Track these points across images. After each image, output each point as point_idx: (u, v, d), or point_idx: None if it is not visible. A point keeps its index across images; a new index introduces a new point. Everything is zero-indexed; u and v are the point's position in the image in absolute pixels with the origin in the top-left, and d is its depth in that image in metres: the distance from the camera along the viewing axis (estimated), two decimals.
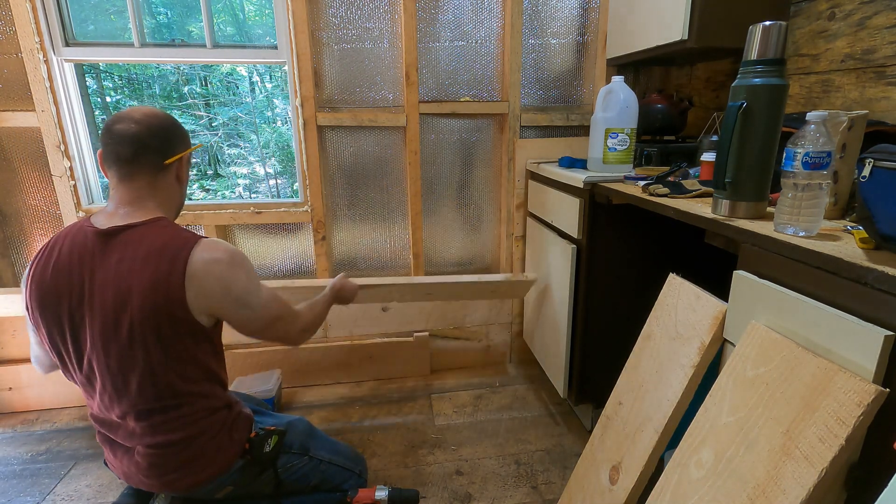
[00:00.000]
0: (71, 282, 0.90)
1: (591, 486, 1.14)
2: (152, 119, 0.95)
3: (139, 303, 0.87)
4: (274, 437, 1.08)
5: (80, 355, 0.93)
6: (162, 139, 0.96)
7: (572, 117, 1.94)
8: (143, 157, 0.93)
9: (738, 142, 0.87)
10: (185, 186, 1.05)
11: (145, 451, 0.94)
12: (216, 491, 1.04)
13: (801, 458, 0.65)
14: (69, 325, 0.91)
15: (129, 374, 0.90)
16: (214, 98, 4.56)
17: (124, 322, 0.88)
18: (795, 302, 0.72)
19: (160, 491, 1.00)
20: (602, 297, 1.48)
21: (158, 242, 0.90)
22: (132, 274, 0.88)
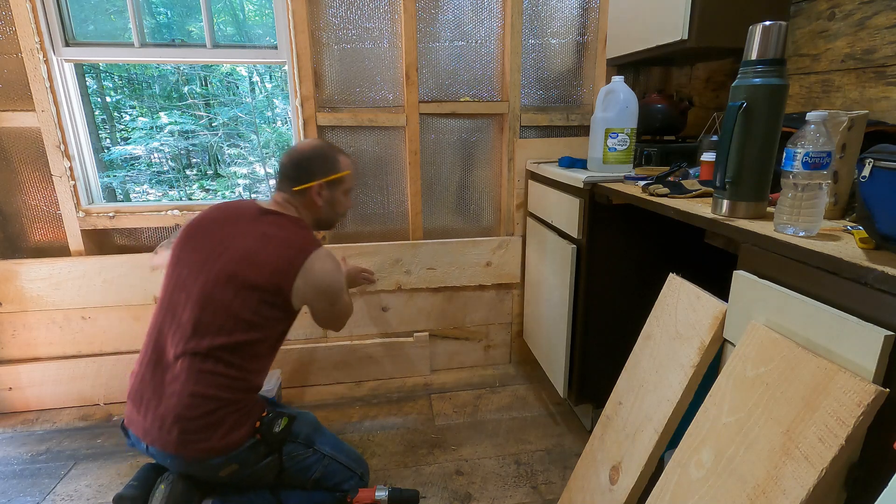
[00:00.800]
0: (223, 228, 1.17)
1: (591, 486, 1.14)
2: (299, 153, 1.25)
3: (260, 266, 1.11)
4: (284, 419, 1.16)
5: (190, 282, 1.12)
6: (297, 171, 1.23)
7: (572, 117, 1.94)
8: (282, 181, 1.25)
9: (738, 142, 0.87)
10: (332, 207, 1.29)
11: (178, 399, 1.05)
12: (222, 468, 1.09)
13: (801, 458, 0.65)
14: (199, 257, 1.14)
15: (218, 314, 1.09)
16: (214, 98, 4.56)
17: (242, 275, 1.10)
18: (795, 302, 0.72)
19: (174, 451, 1.05)
20: (602, 297, 1.48)
21: (293, 235, 1.18)
22: (267, 245, 1.13)
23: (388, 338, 1.98)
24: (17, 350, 1.76)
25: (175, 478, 1.12)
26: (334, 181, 1.27)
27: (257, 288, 1.10)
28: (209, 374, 1.07)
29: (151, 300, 1.78)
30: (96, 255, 1.77)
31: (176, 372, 1.07)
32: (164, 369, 1.09)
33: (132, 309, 1.78)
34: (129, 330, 1.80)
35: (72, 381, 1.77)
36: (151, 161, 4.47)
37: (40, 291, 1.71)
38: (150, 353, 1.13)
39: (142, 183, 4.48)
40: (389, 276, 1.91)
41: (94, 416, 1.74)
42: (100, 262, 1.73)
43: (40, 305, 1.72)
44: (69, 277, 1.71)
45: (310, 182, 1.23)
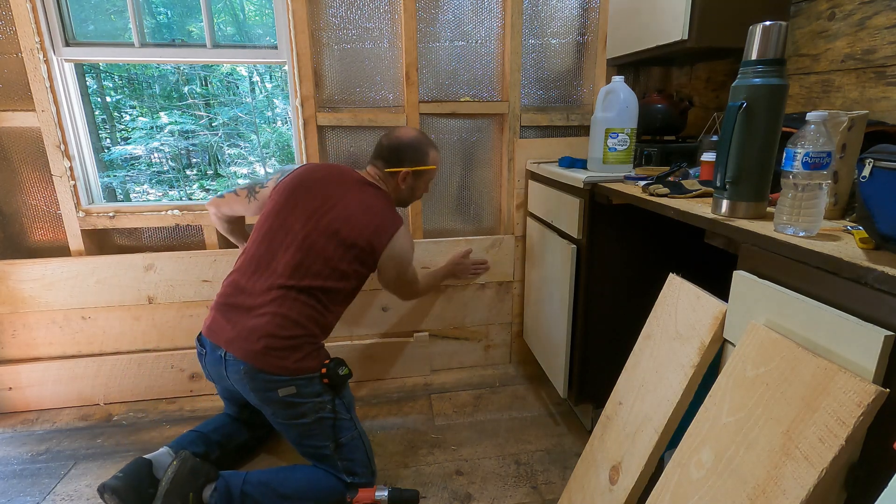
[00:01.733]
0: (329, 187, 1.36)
1: (591, 486, 1.14)
2: (398, 139, 1.42)
3: (362, 230, 1.31)
4: (346, 368, 1.31)
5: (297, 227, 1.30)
6: (392, 153, 1.42)
7: (572, 117, 1.94)
8: (377, 159, 1.44)
9: (738, 142, 0.87)
10: (412, 192, 1.49)
11: (271, 318, 1.21)
12: (283, 385, 1.22)
13: (801, 459, 0.65)
14: (308, 208, 1.32)
15: (317, 261, 1.27)
16: (214, 98, 4.56)
17: (344, 233, 1.29)
18: (795, 302, 0.72)
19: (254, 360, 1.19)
20: (602, 297, 1.48)
21: (387, 208, 1.40)
22: (368, 212, 1.34)
23: (388, 338, 1.98)
24: (17, 350, 1.76)
25: (186, 455, 1.18)
26: (420, 172, 1.45)
27: (355, 246, 1.30)
28: (302, 304, 1.25)
29: (146, 300, 1.78)
30: (96, 255, 1.77)
31: (272, 296, 1.24)
32: (258, 293, 1.25)
33: (131, 309, 1.78)
34: (129, 330, 1.80)
35: (72, 380, 1.77)
36: (151, 161, 4.47)
37: (32, 292, 1.71)
38: (244, 278, 1.30)
39: (142, 183, 4.48)
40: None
41: (94, 416, 1.74)
42: (93, 262, 1.73)
43: (32, 306, 1.72)
44: (62, 278, 1.71)
45: (400, 167, 1.41)
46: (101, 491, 1.14)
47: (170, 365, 1.82)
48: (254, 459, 1.52)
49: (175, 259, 1.76)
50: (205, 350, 1.30)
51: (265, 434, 1.56)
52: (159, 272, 1.77)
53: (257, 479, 1.24)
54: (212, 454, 1.37)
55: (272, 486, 1.23)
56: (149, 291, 1.77)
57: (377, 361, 1.97)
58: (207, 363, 1.30)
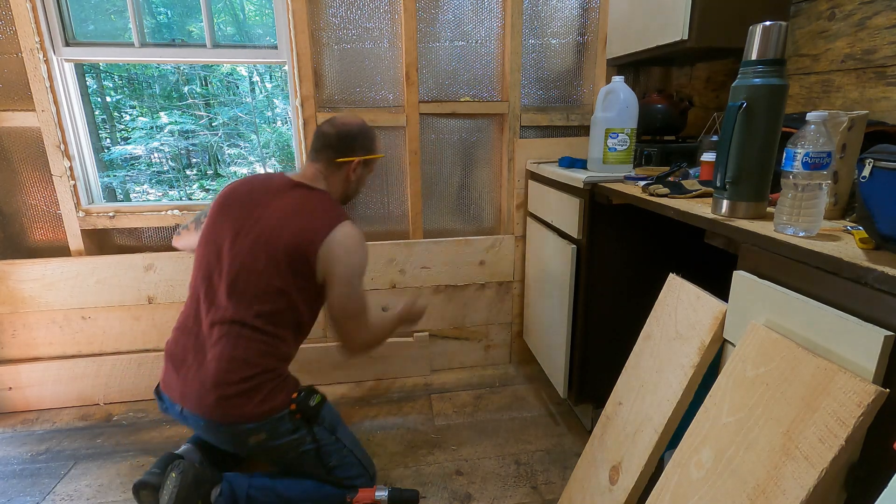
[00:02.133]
0: (253, 199, 1.22)
1: (591, 486, 1.14)
2: (345, 127, 1.28)
3: (289, 236, 1.15)
4: (318, 396, 1.22)
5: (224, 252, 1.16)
6: (342, 142, 1.27)
7: (572, 117, 1.94)
8: (322, 151, 1.27)
9: (738, 142, 0.87)
10: (357, 183, 1.34)
11: (217, 364, 1.10)
12: (252, 434, 1.14)
13: (801, 459, 0.65)
14: (233, 227, 1.19)
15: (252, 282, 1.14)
16: (214, 98, 4.56)
17: (273, 244, 1.14)
18: (795, 302, 0.72)
19: (210, 415, 1.09)
20: (602, 297, 1.48)
21: (320, 206, 1.22)
22: (295, 216, 1.18)
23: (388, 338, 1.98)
24: (18, 350, 1.76)
25: (186, 466, 1.14)
26: (370, 161, 1.35)
27: (286, 256, 1.15)
28: (248, 339, 1.12)
29: (146, 300, 1.78)
30: (96, 254, 1.77)
31: (215, 338, 1.12)
32: (204, 335, 1.14)
33: (131, 309, 1.78)
34: (129, 330, 1.80)
35: (72, 380, 1.77)
36: (151, 161, 4.47)
37: (32, 292, 1.71)
38: (190, 318, 1.19)
39: (142, 183, 4.47)
40: (384, 275, 1.91)
41: (94, 416, 1.74)
42: (92, 262, 1.73)
43: (32, 306, 1.72)
44: (62, 278, 1.71)
45: (352, 156, 1.28)
46: (138, 487, 1.13)
47: None
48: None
49: (175, 259, 1.76)
50: (165, 405, 1.20)
51: None
52: (159, 272, 1.77)
53: (262, 484, 1.23)
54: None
55: (278, 490, 1.23)
56: (149, 291, 1.77)
57: (377, 361, 1.97)
58: (172, 416, 1.20)
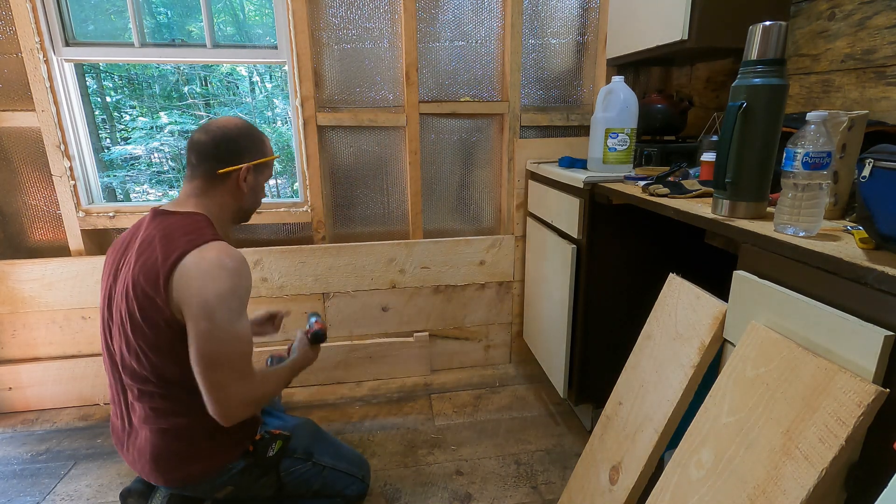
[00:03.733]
0: (123, 253, 1.01)
1: (591, 486, 1.14)
2: (222, 131, 1.04)
3: (136, 282, 0.92)
4: (278, 441, 1.10)
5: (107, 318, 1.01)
6: (223, 150, 1.03)
7: (572, 117, 1.94)
8: (200, 164, 1.03)
9: (738, 142, 0.87)
10: (252, 192, 1.10)
11: (148, 436, 0.98)
12: (216, 490, 1.06)
13: (801, 459, 0.65)
14: (107, 285, 1.01)
15: (130, 350, 0.95)
16: (214, 98, 4.55)
17: (130, 296, 0.93)
18: (795, 302, 0.72)
19: (160, 482, 1.01)
20: (602, 297, 1.48)
21: (177, 231, 0.96)
22: (145, 252, 0.94)
23: (388, 338, 1.98)
24: (18, 350, 1.76)
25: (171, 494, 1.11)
26: (261, 165, 1.10)
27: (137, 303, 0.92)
28: (160, 410, 0.98)
29: None
30: (96, 255, 1.77)
31: (136, 410, 1.00)
32: (129, 409, 1.02)
33: None
34: None
35: (72, 380, 1.77)
36: (151, 161, 4.46)
37: (32, 292, 1.71)
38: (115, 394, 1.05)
39: (142, 183, 4.47)
40: (384, 275, 1.91)
41: (94, 416, 1.74)
42: (92, 262, 1.72)
43: (32, 306, 1.72)
44: (62, 278, 1.71)
45: (238, 164, 1.05)
46: (124, 496, 1.11)
47: None
48: None
49: None
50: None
51: None
52: None
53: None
54: None
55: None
56: None
57: (377, 361, 1.97)
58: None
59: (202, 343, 0.91)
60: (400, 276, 1.92)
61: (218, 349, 0.92)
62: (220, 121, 1.06)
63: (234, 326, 0.93)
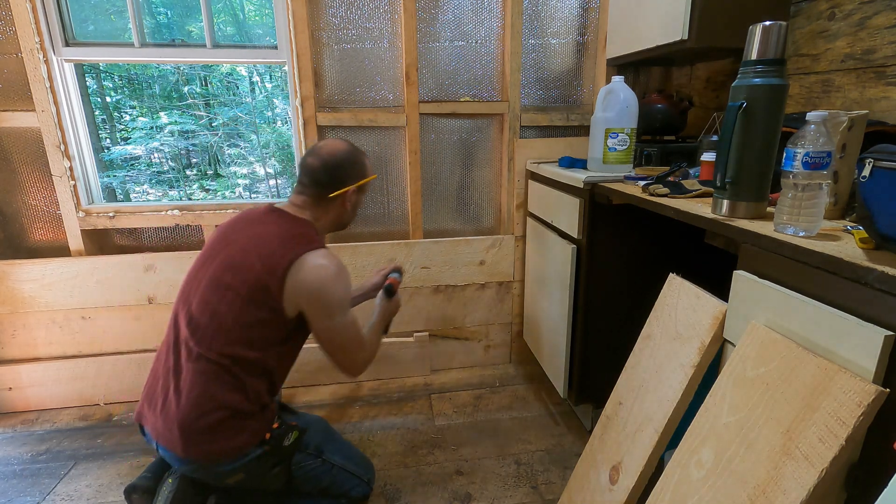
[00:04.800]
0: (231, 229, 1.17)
1: (591, 486, 1.14)
2: (332, 158, 1.19)
3: (250, 266, 1.07)
4: (294, 432, 1.15)
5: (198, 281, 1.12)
6: (332, 177, 1.18)
7: (572, 117, 1.94)
8: (312, 186, 1.19)
9: (738, 142, 0.87)
10: (353, 208, 1.26)
11: (180, 400, 1.05)
12: (227, 476, 1.09)
13: (801, 458, 0.65)
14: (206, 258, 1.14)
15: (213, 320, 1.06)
16: (214, 98, 4.56)
17: (227, 277, 1.07)
18: (795, 302, 0.72)
19: (178, 452, 1.04)
20: (602, 297, 1.48)
21: (293, 232, 1.12)
22: (259, 244, 1.09)
23: (388, 338, 1.97)
24: (18, 350, 1.76)
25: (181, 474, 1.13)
26: (363, 185, 1.25)
27: (247, 285, 1.05)
28: (211, 376, 1.05)
29: (146, 300, 1.78)
30: (96, 255, 1.77)
31: (183, 374, 1.07)
32: (176, 370, 1.09)
33: (132, 309, 1.78)
34: (130, 330, 1.80)
35: (72, 380, 1.77)
36: (151, 161, 4.47)
37: (32, 292, 1.71)
38: (164, 353, 1.14)
39: (142, 183, 4.47)
40: None
41: (94, 416, 1.74)
42: (92, 262, 1.73)
43: (32, 306, 1.72)
44: (62, 278, 1.71)
45: (344, 188, 1.20)
46: (129, 491, 1.11)
47: None
48: None
49: (175, 259, 1.76)
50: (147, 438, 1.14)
51: None
52: (159, 272, 1.77)
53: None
54: None
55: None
56: (149, 291, 1.77)
57: (377, 361, 1.96)
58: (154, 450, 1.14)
59: (327, 335, 1.14)
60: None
61: (338, 338, 1.15)
62: (328, 146, 1.21)
63: (347, 318, 1.15)
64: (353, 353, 1.19)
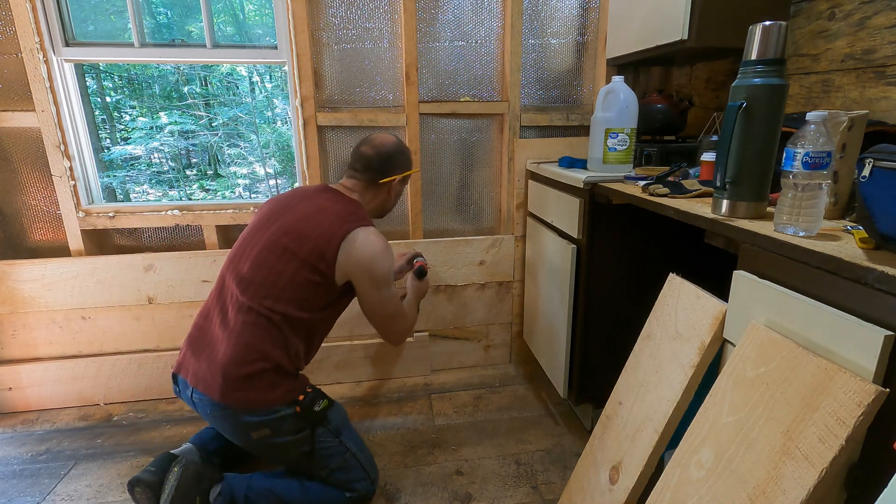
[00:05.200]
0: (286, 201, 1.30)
1: (591, 486, 1.14)
2: (385, 148, 1.36)
3: (307, 235, 1.20)
4: (324, 401, 1.24)
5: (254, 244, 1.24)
6: (383, 164, 1.35)
7: (572, 117, 1.94)
8: (364, 171, 1.35)
9: (738, 142, 0.87)
10: (395, 197, 1.43)
11: (226, 346, 1.14)
12: (254, 429, 1.16)
13: (801, 458, 0.65)
14: (262, 224, 1.27)
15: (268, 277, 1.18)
16: (214, 98, 4.56)
17: (287, 241, 1.20)
18: (795, 302, 0.72)
19: (215, 395, 1.13)
20: (602, 297, 1.48)
21: (345, 210, 1.27)
22: (317, 215, 1.23)
23: None
24: (18, 350, 1.76)
25: (188, 461, 1.15)
26: (407, 176, 1.43)
27: (304, 252, 1.19)
28: (259, 329, 1.16)
29: (146, 300, 1.78)
30: (96, 255, 1.77)
31: (231, 324, 1.17)
32: (222, 320, 1.20)
33: (132, 309, 1.78)
34: (130, 330, 1.80)
35: (72, 381, 1.77)
36: (151, 161, 4.47)
37: (32, 292, 1.71)
38: (212, 305, 1.25)
39: (142, 183, 4.48)
40: None
41: (94, 416, 1.74)
42: (92, 262, 1.73)
43: (32, 306, 1.72)
44: (62, 278, 1.71)
45: (393, 175, 1.36)
46: (132, 484, 1.13)
47: (170, 365, 1.82)
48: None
49: (175, 259, 1.76)
50: (178, 388, 1.24)
51: None
52: (159, 272, 1.77)
53: (261, 486, 1.24)
54: (232, 449, 1.38)
55: (275, 492, 1.24)
56: (149, 291, 1.77)
57: (377, 361, 1.97)
58: (184, 401, 1.25)
59: (374, 307, 1.30)
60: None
61: (383, 309, 1.31)
62: (379, 138, 1.38)
63: (391, 291, 1.31)
64: (396, 323, 1.36)
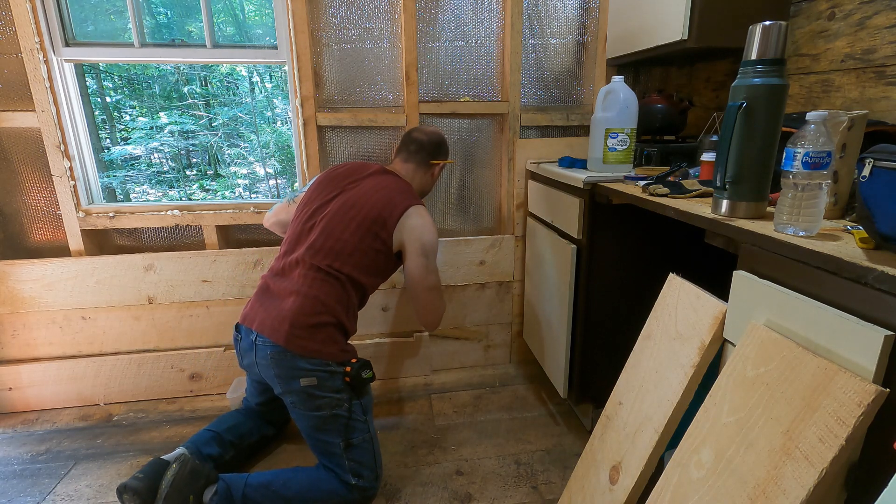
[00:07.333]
0: (349, 175, 1.47)
1: (591, 486, 1.14)
2: (435, 135, 1.58)
3: (374, 203, 1.38)
4: (370, 371, 1.34)
5: (320, 212, 1.40)
6: (435, 147, 1.57)
7: (572, 117, 1.94)
8: (417, 153, 1.55)
9: (738, 142, 0.87)
10: (434, 182, 1.63)
11: (296, 298, 1.28)
12: (304, 375, 1.26)
13: (801, 458, 0.65)
14: (329, 192, 1.43)
15: (337, 241, 1.33)
16: (214, 98, 4.56)
17: (360, 208, 1.37)
18: (795, 302, 0.72)
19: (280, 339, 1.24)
20: (602, 297, 1.48)
21: (404, 189, 1.45)
22: (382, 190, 1.41)
23: (388, 338, 1.98)
24: (18, 350, 1.76)
25: (186, 458, 1.16)
26: (444, 165, 1.63)
27: (368, 220, 1.35)
28: (326, 285, 1.30)
29: (146, 300, 1.78)
30: (96, 255, 1.77)
31: (300, 279, 1.30)
32: (291, 276, 1.33)
33: (132, 309, 1.78)
34: (129, 330, 1.80)
35: (72, 381, 1.77)
36: (151, 161, 4.47)
37: (32, 292, 1.71)
38: (282, 262, 1.37)
39: (142, 183, 4.47)
40: None
41: (94, 416, 1.74)
42: (93, 262, 1.73)
43: (32, 307, 1.72)
44: (62, 278, 1.71)
45: (440, 159, 1.58)
46: (120, 491, 1.13)
47: (170, 365, 1.82)
48: (265, 459, 1.52)
49: (175, 259, 1.76)
50: (240, 336, 1.35)
51: (277, 434, 1.58)
52: (159, 272, 1.77)
53: (258, 482, 1.24)
54: (226, 454, 1.38)
55: (273, 488, 1.24)
56: (149, 291, 1.77)
57: (377, 361, 1.97)
58: (242, 349, 1.35)
59: (421, 272, 1.40)
60: (400, 276, 1.92)
61: (430, 278, 1.42)
62: (429, 128, 1.60)
63: (436, 264, 1.46)
64: (435, 298, 1.45)
